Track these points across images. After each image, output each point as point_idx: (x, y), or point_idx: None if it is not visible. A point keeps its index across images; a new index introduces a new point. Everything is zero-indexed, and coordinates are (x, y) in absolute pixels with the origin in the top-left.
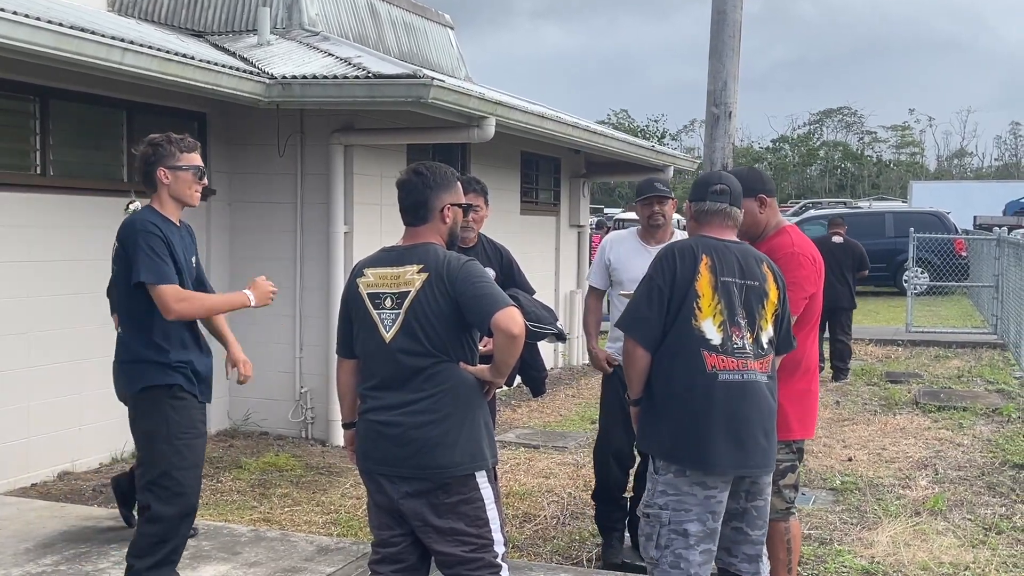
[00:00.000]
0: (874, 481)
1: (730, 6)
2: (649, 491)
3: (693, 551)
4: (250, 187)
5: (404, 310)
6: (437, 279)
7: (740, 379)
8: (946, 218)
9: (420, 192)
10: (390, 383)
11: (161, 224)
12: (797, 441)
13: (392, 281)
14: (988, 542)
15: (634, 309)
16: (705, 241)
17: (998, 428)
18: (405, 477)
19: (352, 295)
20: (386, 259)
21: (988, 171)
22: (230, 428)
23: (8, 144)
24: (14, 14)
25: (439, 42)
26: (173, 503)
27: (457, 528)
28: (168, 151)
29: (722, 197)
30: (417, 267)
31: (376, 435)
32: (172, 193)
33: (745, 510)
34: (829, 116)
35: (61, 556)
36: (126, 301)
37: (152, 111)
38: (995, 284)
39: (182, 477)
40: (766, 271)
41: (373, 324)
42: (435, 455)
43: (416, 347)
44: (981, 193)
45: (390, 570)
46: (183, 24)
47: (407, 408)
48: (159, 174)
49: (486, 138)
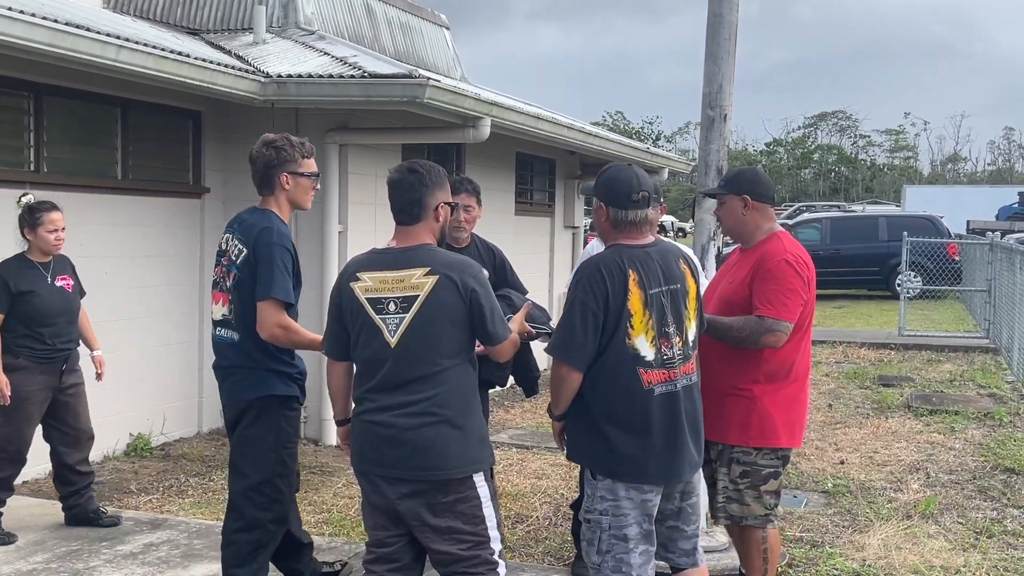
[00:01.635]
0: (866, 484)
1: (726, 9)
2: (589, 497)
3: (633, 554)
4: (244, 186)
5: (413, 314)
6: (449, 282)
7: (673, 389)
8: (939, 222)
9: (416, 190)
10: (390, 385)
11: (290, 237)
12: (783, 449)
13: (395, 285)
14: (979, 546)
15: (567, 334)
16: (628, 252)
17: (990, 432)
18: (402, 479)
19: (347, 299)
20: (382, 261)
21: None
22: (222, 427)
23: (2, 140)
24: (9, 10)
25: (435, 42)
26: (270, 509)
27: (454, 527)
28: (291, 155)
29: (641, 204)
30: (423, 270)
31: (374, 436)
32: (290, 198)
33: (680, 509)
34: (824, 119)
35: (52, 554)
36: (251, 309)
37: (147, 109)
38: (988, 288)
39: (282, 485)
40: (683, 267)
41: (376, 329)
42: (433, 456)
43: (424, 350)
44: (974, 197)
45: (385, 569)
46: (179, 22)
47: (406, 409)
48: (281, 179)
49: (481, 138)
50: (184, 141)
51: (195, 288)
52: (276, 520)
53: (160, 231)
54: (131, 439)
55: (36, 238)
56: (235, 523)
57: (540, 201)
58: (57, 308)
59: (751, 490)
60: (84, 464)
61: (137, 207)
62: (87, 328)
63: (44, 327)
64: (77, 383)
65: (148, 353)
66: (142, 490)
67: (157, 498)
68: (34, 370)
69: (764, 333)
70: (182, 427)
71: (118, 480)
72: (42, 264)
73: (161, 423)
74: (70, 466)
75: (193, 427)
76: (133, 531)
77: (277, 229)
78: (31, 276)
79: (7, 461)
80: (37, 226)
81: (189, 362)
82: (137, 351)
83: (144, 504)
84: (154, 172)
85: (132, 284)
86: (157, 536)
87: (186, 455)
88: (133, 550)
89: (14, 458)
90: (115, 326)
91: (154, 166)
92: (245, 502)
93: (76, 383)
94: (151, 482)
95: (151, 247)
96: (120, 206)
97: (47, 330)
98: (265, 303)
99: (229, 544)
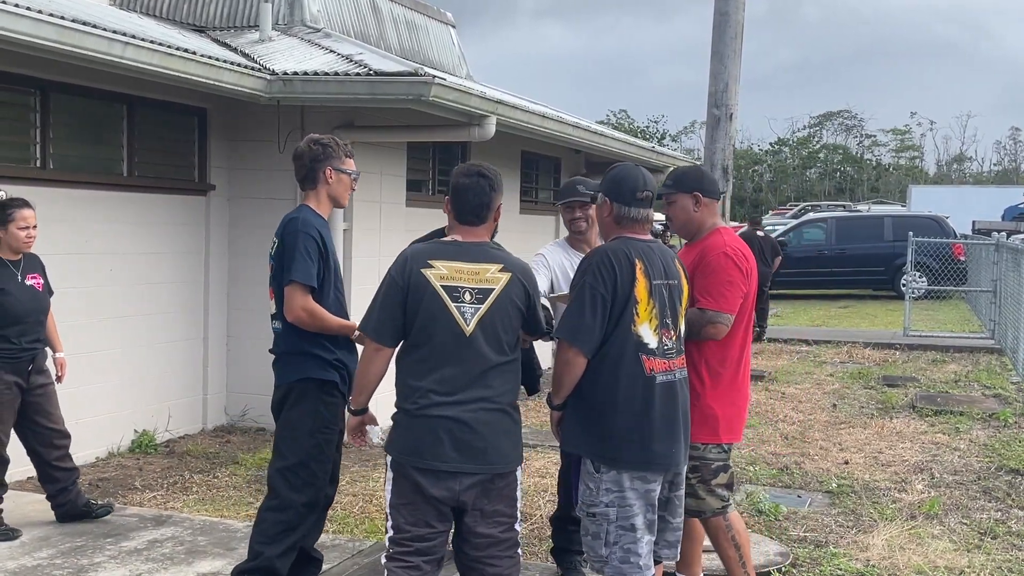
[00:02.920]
0: (870, 484)
1: (732, 8)
2: (591, 491)
3: (640, 543)
4: (250, 183)
5: (488, 306)
6: (519, 283)
7: (672, 379)
8: (945, 222)
9: (487, 194)
10: (464, 376)
11: (320, 227)
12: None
13: (471, 276)
14: (983, 547)
15: (576, 317)
16: (634, 244)
17: (994, 433)
18: (472, 472)
19: (419, 284)
20: (455, 253)
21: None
22: (227, 424)
23: (8, 137)
24: (16, 7)
25: (440, 40)
26: (303, 492)
27: (499, 510)
28: (335, 152)
29: (645, 203)
30: (498, 266)
31: (445, 431)
32: (331, 193)
33: (669, 499)
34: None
35: (56, 550)
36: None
37: (153, 106)
38: (993, 289)
39: (317, 469)
40: (678, 268)
41: (451, 317)
42: (503, 449)
43: (494, 343)
44: (980, 198)
45: (422, 561)
46: (185, 19)
47: (481, 403)
48: (326, 172)
49: (486, 137)
50: (190, 138)
51: (200, 285)
52: (308, 504)
53: (165, 228)
54: (136, 436)
55: (7, 235)
56: (268, 502)
57: (545, 200)
58: (27, 308)
59: (702, 484)
60: (64, 460)
61: (142, 204)
62: (53, 329)
63: (12, 326)
64: (45, 383)
65: (153, 350)
66: (147, 486)
67: (161, 494)
68: (1, 370)
69: (705, 325)
70: (187, 424)
71: (123, 477)
72: (12, 262)
73: (166, 420)
74: (50, 463)
75: (198, 424)
76: (137, 527)
77: (303, 218)
78: (1, 275)
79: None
80: (8, 223)
81: (194, 359)
82: (142, 348)
83: (148, 500)
84: (159, 169)
85: (137, 281)
86: (161, 532)
87: (191, 452)
88: (137, 546)
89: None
90: (120, 322)
91: (159, 163)
92: (281, 482)
93: (44, 383)
94: (156, 479)
95: (156, 244)
96: (125, 203)
97: (15, 329)
98: (288, 287)
99: (260, 522)
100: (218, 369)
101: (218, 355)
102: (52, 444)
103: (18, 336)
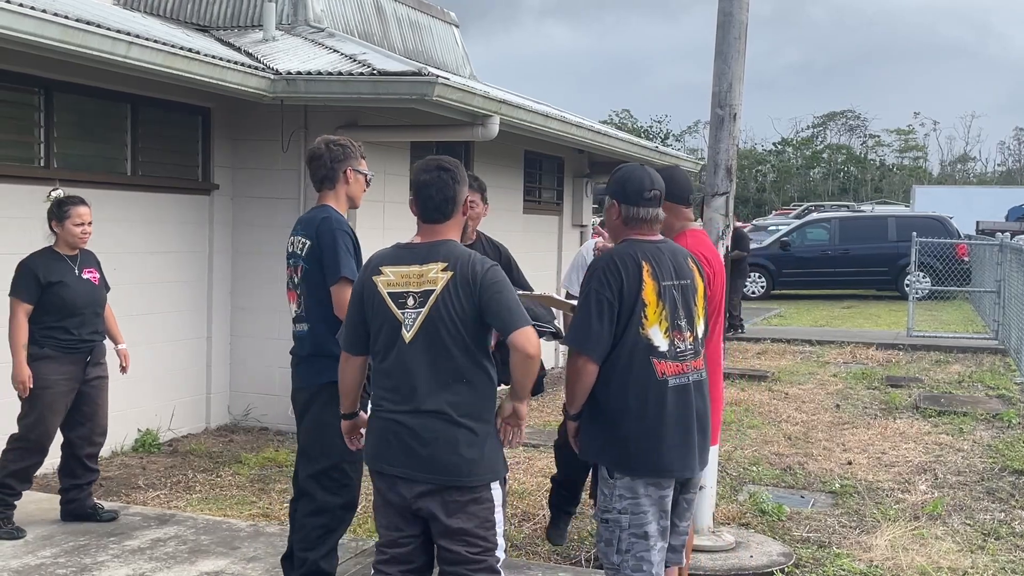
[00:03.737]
0: (873, 485)
1: (736, 8)
2: (606, 496)
3: (653, 551)
4: (253, 182)
5: (427, 308)
6: (462, 280)
7: (686, 382)
8: (948, 223)
9: (450, 188)
10: (410, 383)
11: (346, 222)
12: None
13: (415, 280)
14: (987, 547)
15: (584, 325)
16: (641, 246)
17: (998, 434)
18: (419, 480)
19: (369, 293)
20: (406, 256)
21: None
22: (230, 423)
23: (12, 136)
24: (20, 6)
25: (444, 40)
26: (340, 494)
27: (466, 528)
28: (354, 153)
29: (654, 202)
30: (441, 265)
31: (393, 435)
32: (349, 192)
33: (677, 502)
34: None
35: (60, 549)
36: (322, 298)
37: (157, 105)
38: (997, 289)
39: (350, 470)
40: (691, 266)
41: (396, 324)
42: (455, 458)
43: (438, 347)
44: (984, 198)
45: (398, 570)
46: (188, 19)
47: (424, 408)
48: (347, 172)
49: (490, 136)
50: (193, 137)
51: (203, 284)
52: (346, 505)
53: (169, 227)
54: (139, 434)
55: (63, 231)
56: (306, 507)
57: (548, 199)
58: (84, 299)
59: None
60: (93, 460)
61: (146, 203)
62: (112, 322)
63: (71, 317)
64: (101, 376)
65: (156, 349)
66: (150, 485)
67: (165, 494)
68: (60, 360)
69: None
70: (190, 423)
71: (126, 475)
72: (69, 257)
73: (169, 419)
74: (79, 459)
75: (201, 423)
76: (140, 526)
77: (335, 217)
78: (59, 268)
79: (28, 451)
80: (64, 219)
81: (197, 358)
82: (145, 347)
83: (152, 500)
84: (163, 168)
85: (141, 280)
86: (164, 532)
87: (194, 451)
88: (140, 545)
89: (36, 448)
90: (123, 321)
91: (163, 162)
92: (315, 487)
93: (100, 376)
94: (159, 478)
95: (160, 243)
96: (129, 202)
97: (74, 320)
98: (336, 286)
99: (299, 528)
100: (221, 368)
101: (221, 354)
102: (89, 440)
103: (78, 327)
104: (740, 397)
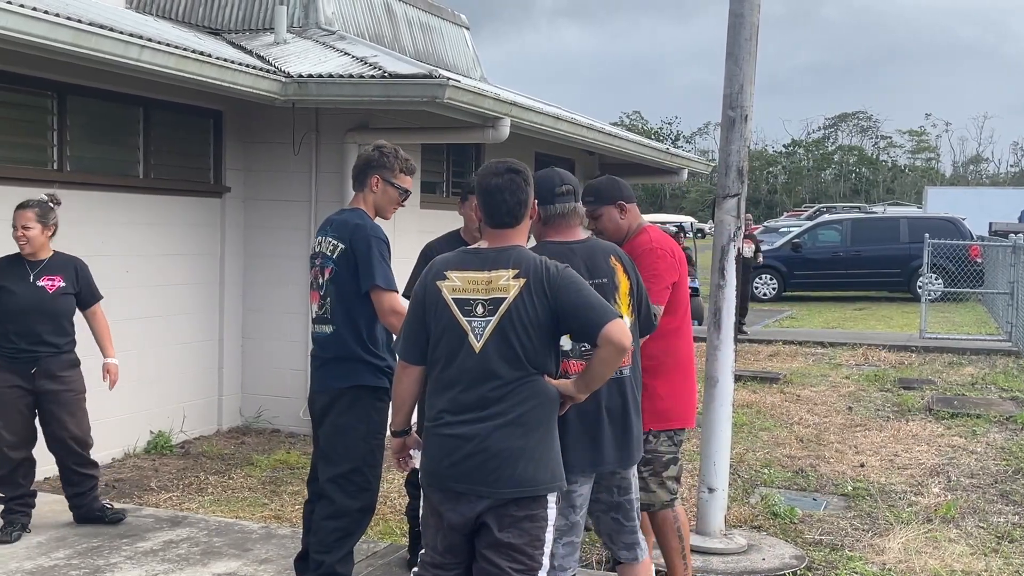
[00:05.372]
0: (886, 487)
1: (747, 9)
2: None
3: (556, 544)
4: (265, 185)
5: (498, 317)
6: (536, 286)
7: None
8: (961, 224)
9: (522, 191)
10: (475, 394)
11: (381, 228)
12: (678, 432)
13: (484, 286)
14: (1000, 550)
15: None
16: (548, 249)
17: (1012, 436)
18: (485, 496)
19: (433, 299)
20: (474, 262)
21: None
22: (242, 425)
23: (25, 139)
24: (33, 10)
25: (455, 42)
26: (358, 498)
27: (514, 544)
28: (389, 163)
29: (567, 197)
30: (512, 272)
31: (455, 449)
32: (376, 201)
33: (619, 503)
34: (844, 120)
35: (73, 550)
36: (350, 302)
37: (169, 108)
38: (1010, 291)
39: (370, 474)
40: (614, 263)
41: (462, 332)
42: (518, 471)
43: (509, 357)
44: (997, 199)
45: None
46: (200, 22)
47: (494, 421)
48: (373, 179)
49: (501, 139)
50: (205, 140)
51: (215, 287)
52: (364, 509)
53: (181, 230)
54: (151, 436)
55: None
56: (324, 510)
57: None
58: (25, 306)
59: (654, 477)
60: (83, 467)
61: (158, 206)
62: (103, 333)
63: (10, 323)
64: (59, 390)
65: (168, 351)
66: (162, 487)
67: (177, 495)
68: (1, 368)
69: None
70: (202, 425)
71: (138, 477)
72: (30, 262)
73: (181, 421)
74: (68, 468)
75: (213, 425)
76: (153, 528)
77: (370, 224)
78: (11, 273)
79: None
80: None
81: (209, 360)
82: (157, 349)
83: (164, 501)
84: (175, 171)
85: (153, 282)
86: (177, 533)
87: (206, 453)
88: (153, 547)
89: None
90: (135, 324)
91: (175, 165)
92: (335, 490)
93: (58, 390)
94: (171, 479)
95: (172, 246)
96: (141, 205)
97: (13, 327)
98: (373, 293)
99: (317, 531)
100: (233, 370)
101: (233, 356)
102: (66, 452)
103: (16, 335)
104: (752, 399)
